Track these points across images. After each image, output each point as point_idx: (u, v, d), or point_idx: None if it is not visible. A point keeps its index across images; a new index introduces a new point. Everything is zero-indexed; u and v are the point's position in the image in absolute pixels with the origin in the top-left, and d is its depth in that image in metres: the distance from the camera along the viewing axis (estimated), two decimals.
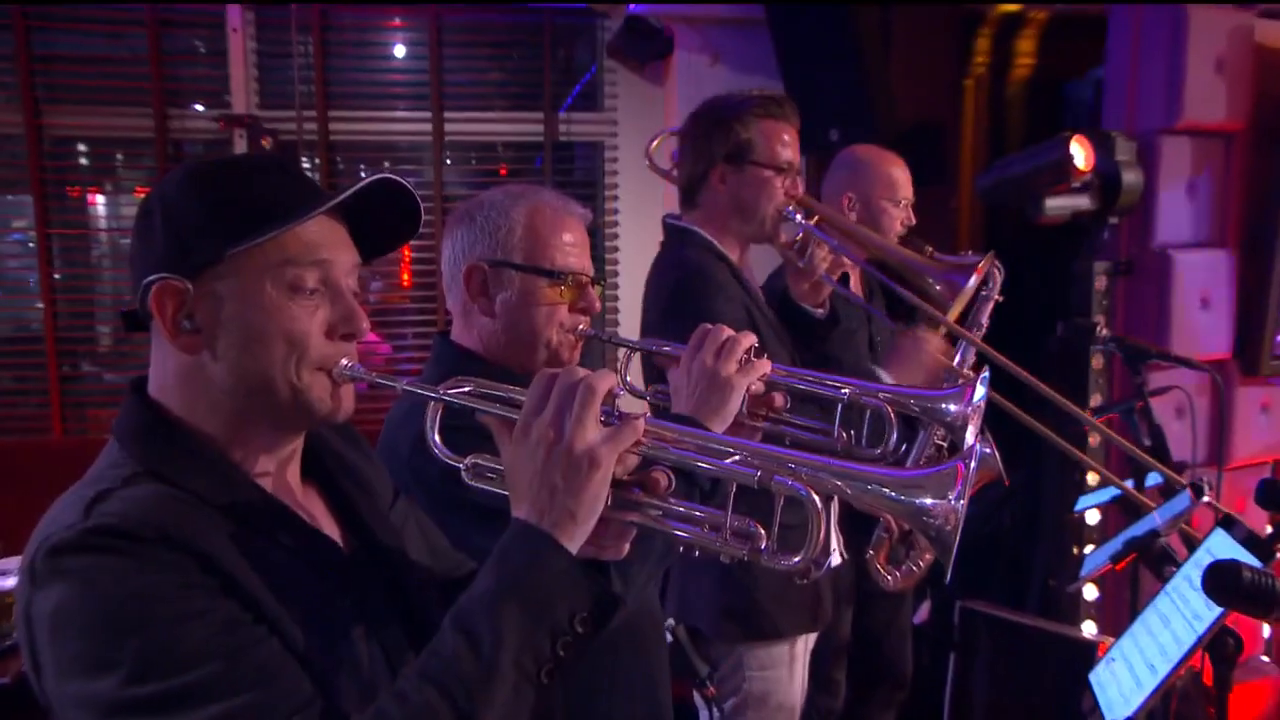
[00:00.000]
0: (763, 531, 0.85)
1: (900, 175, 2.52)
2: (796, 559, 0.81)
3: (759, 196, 2.05)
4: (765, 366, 1.36)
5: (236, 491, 0.89)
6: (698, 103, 2.17)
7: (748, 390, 1.35)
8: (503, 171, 4.20)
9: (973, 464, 0.82)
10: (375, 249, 1.02)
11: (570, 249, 1.47)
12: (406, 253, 3.85)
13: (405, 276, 3.90)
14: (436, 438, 0.96)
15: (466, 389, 0.95)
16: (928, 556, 2.18)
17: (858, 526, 2.08)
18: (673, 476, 0.89)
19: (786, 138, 2.05)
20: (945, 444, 1.95)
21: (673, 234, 2.15)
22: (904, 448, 1.55)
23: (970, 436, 1.22)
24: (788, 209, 2.06)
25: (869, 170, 2.52)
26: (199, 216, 0.90)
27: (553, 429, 0.85)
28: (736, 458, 0.85)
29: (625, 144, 4.00)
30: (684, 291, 1.96)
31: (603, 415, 0.88)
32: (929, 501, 0.80)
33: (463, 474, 0.95)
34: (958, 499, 0.79)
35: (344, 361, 0.94)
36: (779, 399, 1.42)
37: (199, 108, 3.69)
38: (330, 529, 1.01)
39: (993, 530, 3.13)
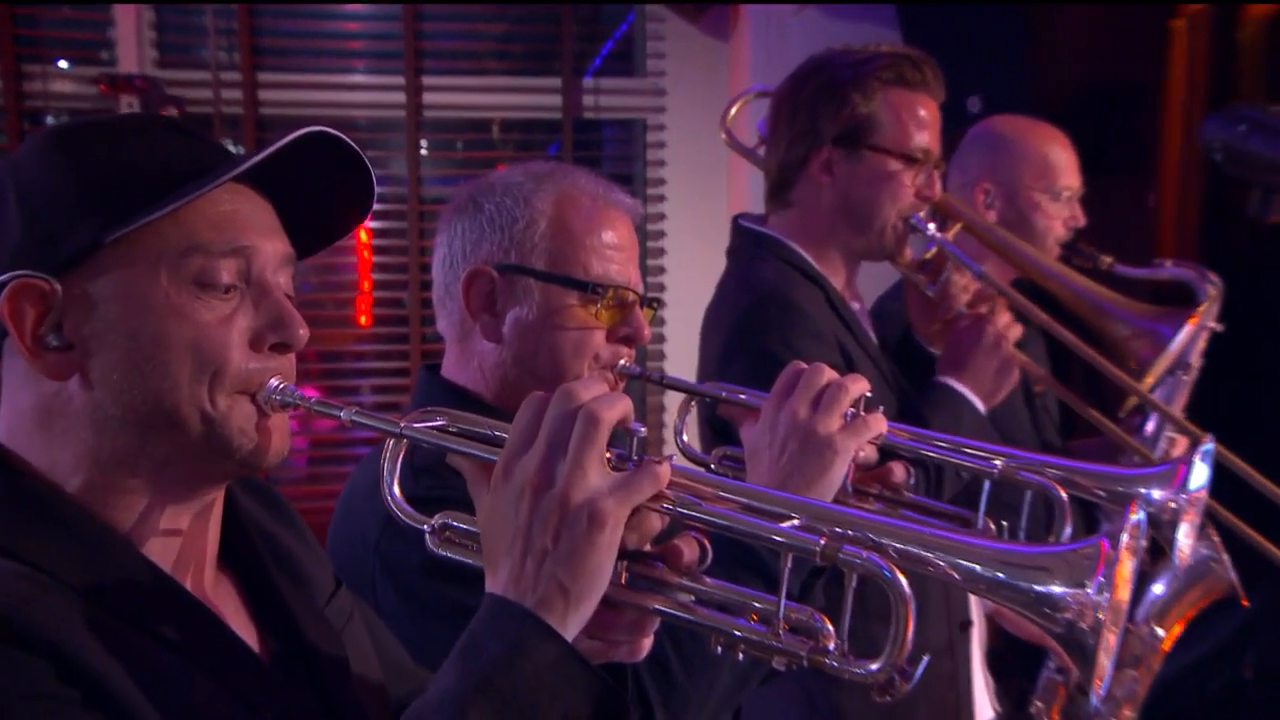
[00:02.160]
0: (829, 626, 0.90)
1: (1062, 158, 2.56)
2: (874, 665, 0.85)
3: (879, 195, 2.11)
4: (880, 424, 1.43)
5: (114, 568, 0.93)
6: (776, 64, 2.28)
7: (855, 457, 1.42)
8: (500, 169, 4.51)
9: (1129, 541, 0.85)
10: (313, 239, 1.10)
11: (612, 254, 1.56)
12: (364, 282, 4.04)
13: (362, 315, 4.08)
14: (396, 490, 1.03)
15: (436, 423, 1.02)
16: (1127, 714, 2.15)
17: (1019, 661, 2.07)
18: (708, 546, 0.96)
19: (924, 114, 2.10)
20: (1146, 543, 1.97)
21: (747, 243, 2.22)
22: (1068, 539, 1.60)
23: (1184, 536, 1.24)
24: (915, 216, 2.12)
25: (1016, 150, 2.57)
26: (66, 192, 0.94)
27: (541, 472, 0.91)
28: (795, 521, 0.91)
29: (676, 120, 4.13)
30: (753, 324, 2.03)
31: (612, 456, 0.94)
32: (1056, 589, 0.83)
33: (427, 540, 1.03)
34: (1100, 590, 0.82)
35: (273, 382, 1.01)
36: (899, 471, 1.50)
37: (63, 65, 3.72)
38: (244, 628, 1.07)
39: (1227, 684, 3.03)
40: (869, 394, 1.45)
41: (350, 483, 1.62)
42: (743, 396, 1.51)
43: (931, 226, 2.13)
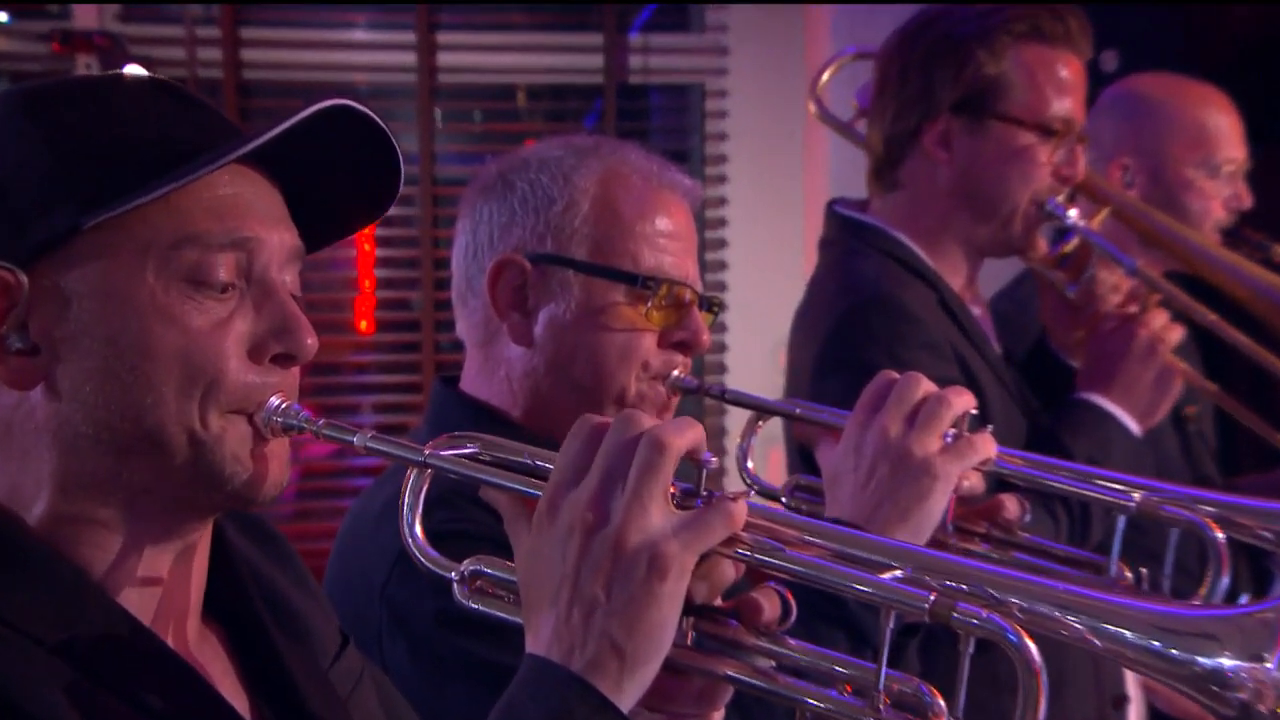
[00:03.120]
0: (940, 701, 0.90)
1: (1222, 124, 2.53)
2: None
3: (1008, 175, 2.11)
4: (988, 447, 1.45)
5: (86, 621, 0.95)
6: (862, 20, 2.28)
7: (957, 487, 1.44)
8: (529, 145, 4.48)
9: None
10: (321, 231, 1.13)
11: (667, 243, 1.60)
12: (365, 281, 4.09)
13: (363, 320, 4.12)
14: (418, 530, 1.06)
15: (467, 450, 1.04)
16: None
17: None
18: (791, 601, 0.97)
19: (1065, 75, 2.10)
20: None
21: (845, 234, 2.24)
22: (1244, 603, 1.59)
23: None
24: (1052, 200, 2.12)
25: (1163, 116, 2.56)
26: (37, 167, 0.95)
27: (594, 508, 0.93)
28: (898, 572, 0.92)
29: (740, 85, 4.15)
30: (852, 331, 2.05)
31: (677, 492, 0.95)
32: (1227, 663, 0.83)
33: (455, 589, 1.05)
34: None
35: (274, 401, 1.03)
36: (1012, 506, 1.51)
37: (4, 18, 3.70)
38: (233, 692, 1.09)
39: None
40: (975, 410, 1.46)
41: (351, 517, 1.65)
42: (823, 416, 1.54)
43: (1073, 213, 2.12)
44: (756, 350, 4.16)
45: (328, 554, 1.66)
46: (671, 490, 0.95)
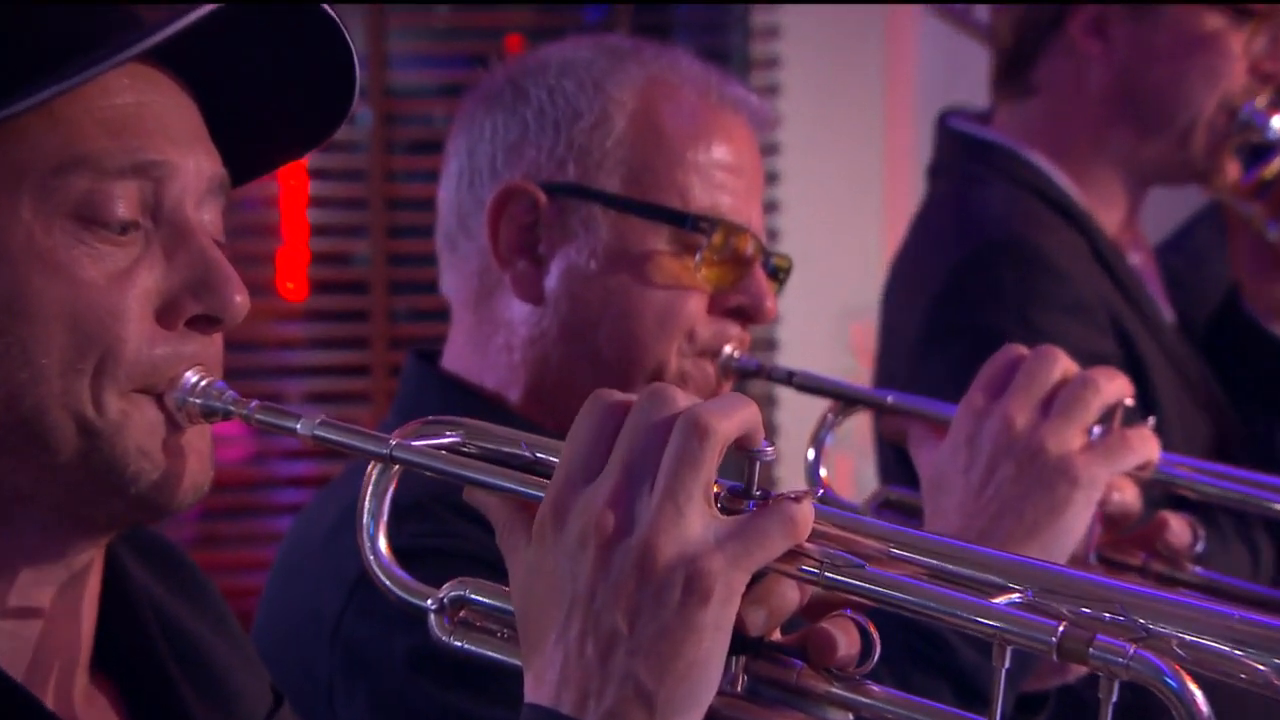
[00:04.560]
0: None
1: None
2: None
3: (1188, 72, 2.13)
4: (1149, 446, 1.45)
5: None
6: None
7: (1105, 501, 1.44)
8: (512, 43, 4.33)
9: None
10: (252, 157, 1.14)
11: (725, 178, 1.61)
12: (297, 225, 4.13)
13: (290, 282, 4.17)
14: (383, 545, 1.06)
15: (446, 439, 1.05)
16: None
17: None
18: (874, 634, 0.98)
19: None
20: None
21: (962, 157, 2.28)
22: None
23: None
24: (1248, 106, 2.13)
25: None
26: None
27: (613, 513, 0.93)
28: (1016, 595, 0.92)
29: None
30: (973, 286, 2.08)
31: (723, 491, 0.96)
32: None
33: (432, 622, 1.05)
34: None
35: (191, 377, 1.04)
36: (1180, 529, 1.51)
37: None
38: None
39: None
40: (1131, 400, 1.46)
41: (292, 539, 1.68)
42: (924, 407, 1.54)
43: (1277, 122, 2.12)
44: (819, 320, 4.18)
45: (243, 591, 1.68)
46: (715, 489, 0.96)
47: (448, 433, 1.06)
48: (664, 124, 1.58)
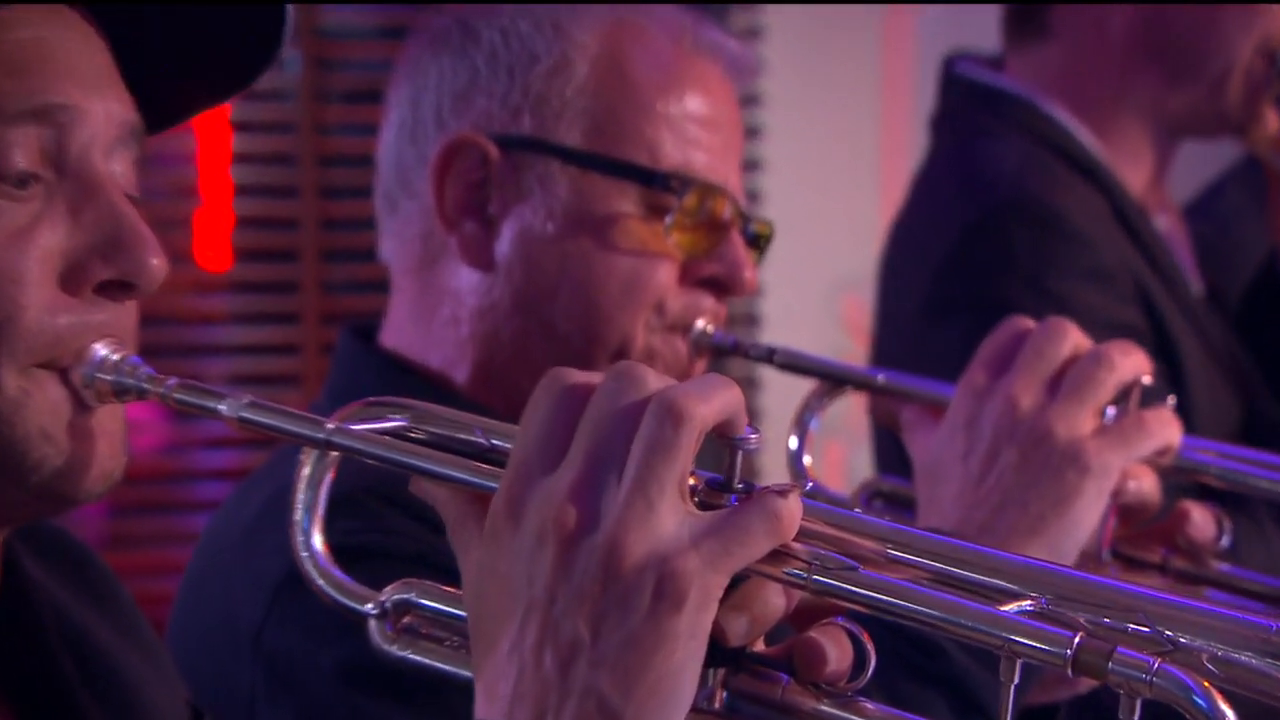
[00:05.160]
0: None
1: None
2: None
3: (1220, 16, 2.15)
4: (1168, 429, 1.46)
5: None
6: None
7: (1120, 490, 1.44)
8: None
9: None
10: (167, 103, 1.14)
11: (700, 133, 1.61)
12: (218, 185, 4.11)
13: (212, 250, 4.14)
14: (317, 542, 1.06)
15: (390, 423, 1.06)
16: None
17: None
18: (868, 644, 0.97)
19: None
20: None
21: (971, 106, 2.31)
22: None
23: None
24: None
25: None
26: None
27: (575, 507, 0.93)
28: (1027, 603, 0.93)
29: None
30: (986, 251, 2.10)
31: (699, 484, 0.97)
32: None
33: (372, 629, 1.05)
34: None
35: (101, 350, 1.04)
36: (1204, 521, 1.51)
37: None
38: None
39: None
40: (1149, 379, 1.46)
41: (209, 537, 1.67)
42: (919, 387, 1.55)
43: None
44: (807, 293, 4.19)
45: (158, 597, 1.67)
46: (691, 481, 0.96)
47: (392, 416, 1.06)
48: (631, 71, 1.58)
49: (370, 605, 1.06)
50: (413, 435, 1.06)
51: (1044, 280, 1.98)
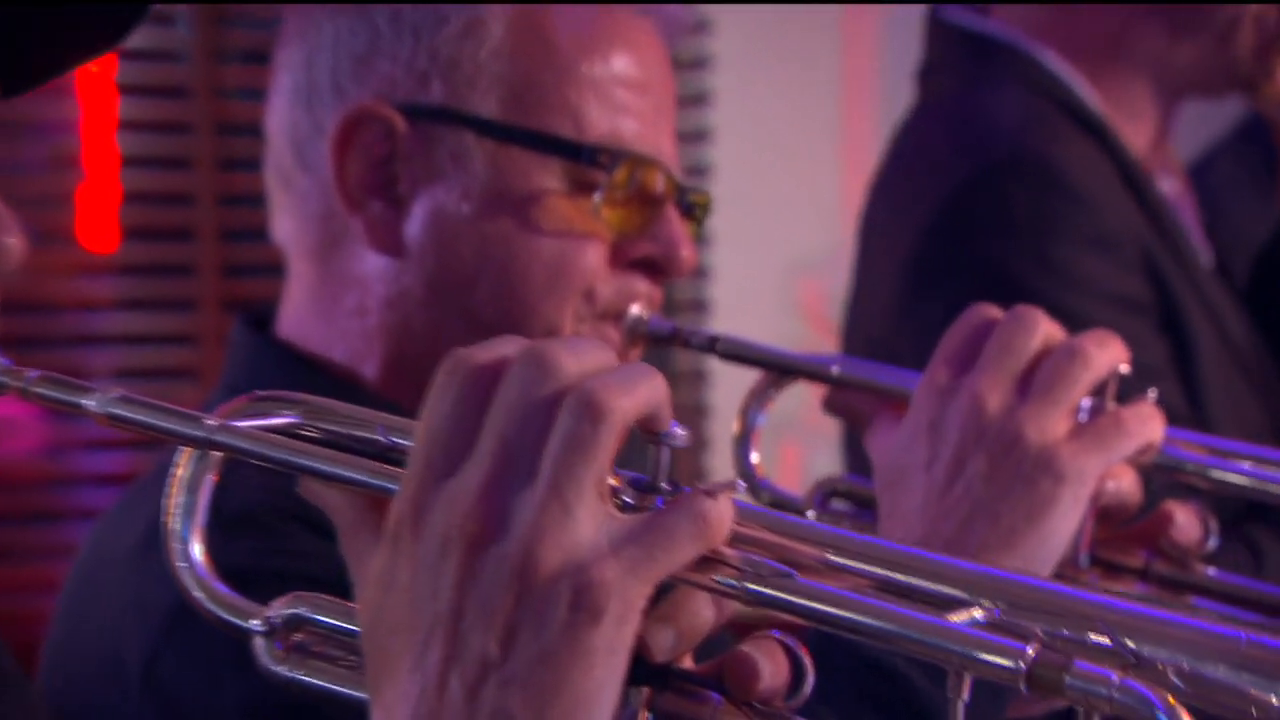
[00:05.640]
0: None
1: None
2: None
3: None
4: (1149, 426, 1.46)
5: None
6: None
7: (1099, 492, 1.45)
8: None
9: None
10: (30, 59, 1.13)
11: (629, 97, 1.62)
12: (103, 157, 4.09)
13: (96, 230, 4.13)
14: (197, 552, 1.06)
15: (280, 419, 1.06)
16: None
17: None
18: (806, 660, 0.99)
19: None
20: None
21: (961, 56, 2.32)
22: None
23: None
24: None
25: None
26: None
27: (483, 510, 0.93)
28: (978, 613, 0.94)
29: None
30: (979, 214, 2.11)
31: (621, 485, 0.97)
32: None
33: (259, 648, 1.05)
34: None
35: None
36: (1188, 522, 1.52)
37: None
38: None
39: None
40: (1127, 368, 1.45)
41: (88, 556, 1.66)
42: (881, 379, 1.55)
43: None
44: (760, 276, 4.19)
45: (31, 617, 1.65)
46: (612, 482, 0.96)
47: (283, 412, 1.06)
48: (550, 31, 1.58)
49: (256, 621, 1.05)
50: (306, 433, 1.06)
51: (1043, 244, 1.99)
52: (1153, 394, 1.47)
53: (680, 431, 0.98)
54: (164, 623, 1.45)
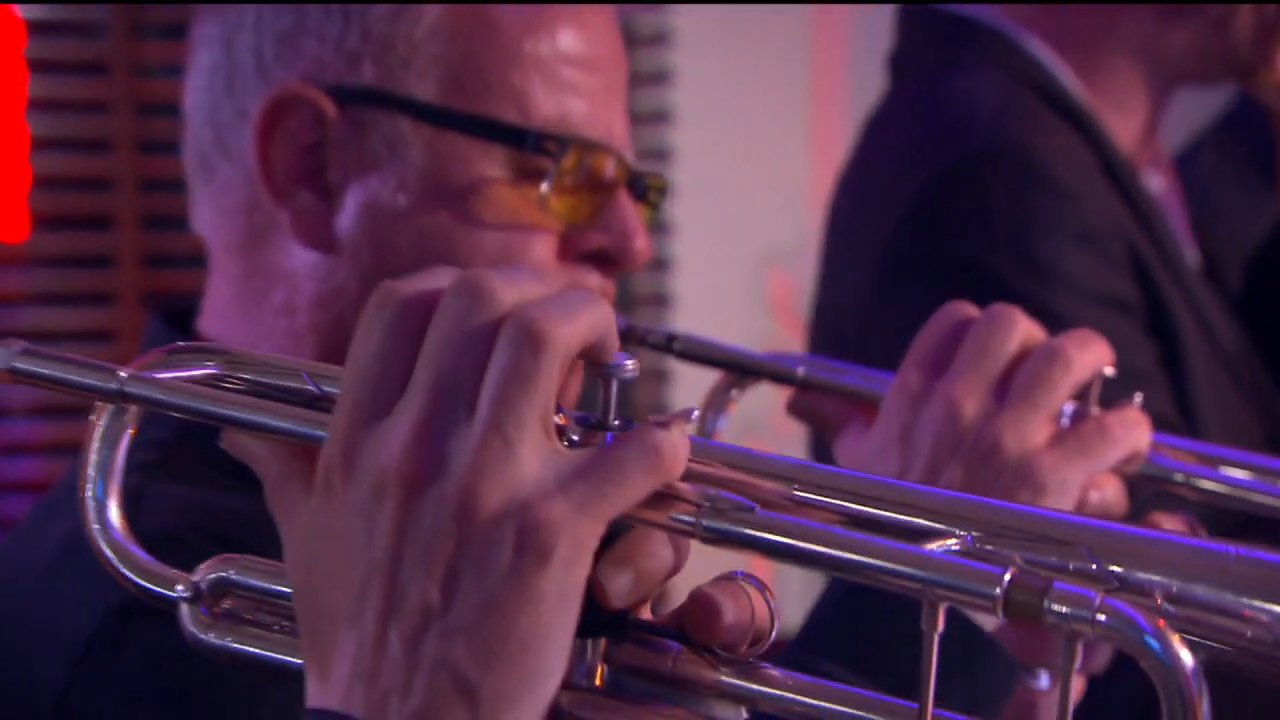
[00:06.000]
0: None
1: None
2: None
3: None
4: (1134, 433, 1.48)
5: None
6: None
7: (1082, 502, 1.46)
8: None
9: None
10: None
11: (577, 78, 1.62)
12: (13, 138, 4.09)
13: (9, 218, 4.15)
14: (114, 515, 1.06)
15: (200, 368, 1.06)
16: None
17: None
18: (773, 603, 1.00)
19: None
20: None
21: (939, 40, 2.34)
22: None
23: None
24: None
25: None
26: None
27: (419, 451, 0.94)
28: (952, 542, 0.95)
29: None
30: (956, 207, 2.13)
31: (568, 423, 0.98)
32: None
33: (184, 616, 1.05)
34: None
35: None
36: (1167, 528, 1.48)
37: None
38: None
39: None
40: (1111, 371, 1.47)
41: None
42: (849, 380, 1.56)
43: None
44: (725, 268, 4.20)
45: None
46: (559, 421, 0.97)
47: (201, 362, 1.07)
48: (492, 10, 1.58)
49: (181, 587, 1.06)
50: (226, 383, 1.07)
51: (1024, 240, 2.00)
52: (1138, 398, 1.49)
53: (629, 363, 0.98)
54: (78, 653, 1.43)
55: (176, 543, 1.29)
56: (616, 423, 0.99)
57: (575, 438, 0.99)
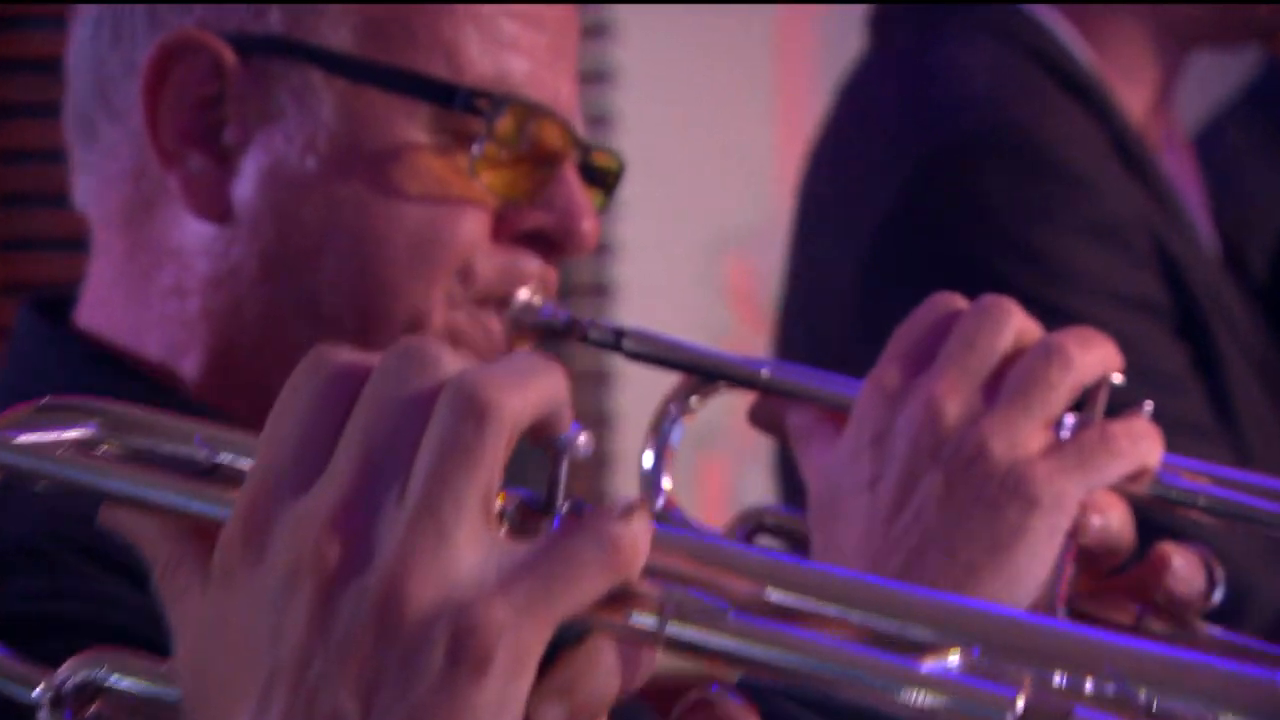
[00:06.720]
0: None
1: None
2: None
3: None
4: (1144, 448, 1.48)
5: None
6: None
7: (1081, 526, 1.46)
8: None
9: None
10: None
11: (517, 31, 1.62)
12: None
13: None
14: None
15: (74, 432, 1.04)
16: None
17: None
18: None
19: None
20: None
21: (926, 2, 2.38)
22: None
23: None
24: None
25: None
26: None
27: (342, 532, 0.94)
28: (953, 657, 0.95)
29: None
30: (951, 194, 2.16)
31: (511, 507, 0.97)
32: None
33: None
34: None
35: None
36: (1188, 567, 1.52)
37: None
38: None
39: None
40: (1120, 378, 1.47)
41: None
42: (819, 386, 1.56)
43: None
44: (677, 253, 4.21)
45: None
46: (500, 501, 0.96)
47: (77, 422, 1.06)
48: None
49: (41, 689, 1.04)
50: (106, 447, 1.06)
51: (1028, 234, 2.03)
52: (1148, 407, 1.47)
53: (582, 438, 0.97)
54: None
55: (29, 555, 1.32)
56: (564, 505, 0.98)
57: (518, 522, 0.98)
